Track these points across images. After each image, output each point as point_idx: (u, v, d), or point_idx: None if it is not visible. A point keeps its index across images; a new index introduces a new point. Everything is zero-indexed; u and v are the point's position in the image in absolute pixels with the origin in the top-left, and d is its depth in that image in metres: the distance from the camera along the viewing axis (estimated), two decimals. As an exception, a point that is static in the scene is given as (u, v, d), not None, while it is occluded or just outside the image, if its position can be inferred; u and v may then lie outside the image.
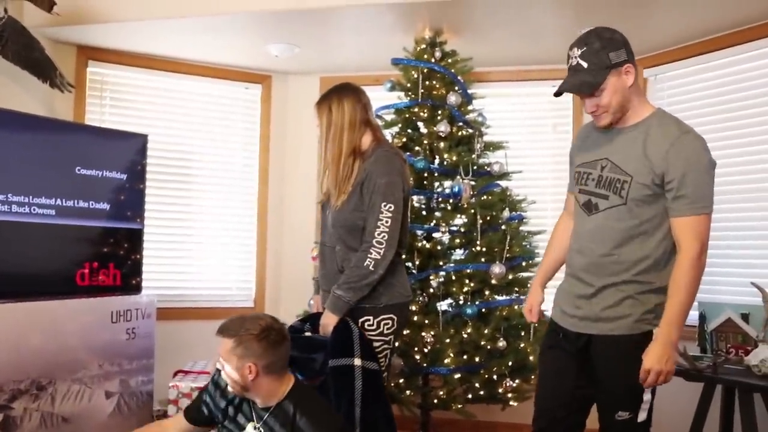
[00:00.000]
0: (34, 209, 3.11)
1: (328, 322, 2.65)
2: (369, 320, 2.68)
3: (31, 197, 3.10)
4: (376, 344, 2.67)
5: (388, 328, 2.71)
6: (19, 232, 3.06)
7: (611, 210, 2.27)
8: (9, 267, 3.02)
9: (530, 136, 4.43)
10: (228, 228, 4.67)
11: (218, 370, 2.56)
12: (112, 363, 3.07)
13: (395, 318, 2.72)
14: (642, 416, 2.25)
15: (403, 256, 2.93)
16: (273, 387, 2.35)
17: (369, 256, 2.62)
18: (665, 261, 2.24)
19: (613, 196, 2.26)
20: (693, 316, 3.47)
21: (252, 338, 2.28)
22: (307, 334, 2.76)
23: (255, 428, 2.41)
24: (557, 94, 2.32)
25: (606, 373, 2.29)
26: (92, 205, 3.35)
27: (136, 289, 3.52)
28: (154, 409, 3.48)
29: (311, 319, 2.79)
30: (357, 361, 2.54)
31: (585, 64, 2.22)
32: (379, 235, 2.63)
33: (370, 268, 2.62)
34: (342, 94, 2.79)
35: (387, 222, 2.64)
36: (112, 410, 3.06)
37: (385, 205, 2.64)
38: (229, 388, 2.38)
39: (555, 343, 2.45)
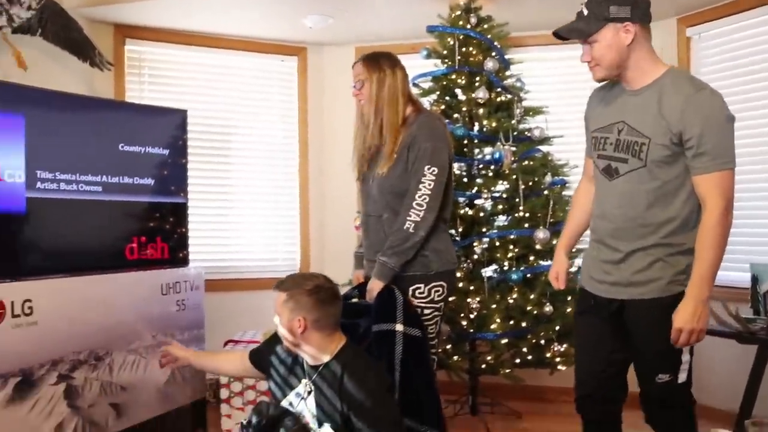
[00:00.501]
0: (81, 186, 3.15)
1: (374, 288, 2.66)
2: (420, 288, 2.69)
3: (78, 175, 3.14)
4: (426, 311, 2.68)
5: (438, 295, 2.71)
6: (68, 209, 3.10)
7: (632, 173, 2.23)
8: (62, 244, 3.07)
9: (570, 99, 4.35)
10: (270, 200, 4.70)
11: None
12: (164, 334, 3.12)
13: (445, 285, 2.73)
14: (682, 377, 2.23)
15: (448, 224, 2.92)
16: (322, 343, 2.39)
17: (408, 218, 2.62)
18: (693, 221, 2.20)
19: (633, 159, 2.22)
20: (745, 277, 3.43)
21: (303, 293, 2.35)
22: (354, 300, 2.78)
23: (305, 387, 2.46)
24: (554, 34, 2.31)
25: (641, 338, 2.26)
26: (137, 180, 3.39)
27: (184, 261, 3.56)
28: (206, 378, 3.54)
29: (360, 287, 2.81)
30: (399, 327, 2.55)
31: (585, 12, 2.23)
32: (419, 197, 2.62)
33: (410, 230, 2.61)
34: (393, 60, 2.79)
35: (429, 185, 2.62)
36: (166, 379, 3.12)
37: (428, 168, 2.63)
38: (284, 343, 2.43)
39: (586, 309, 2.44)
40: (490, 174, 3.84)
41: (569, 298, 3.65)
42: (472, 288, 3.65)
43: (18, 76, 3.37)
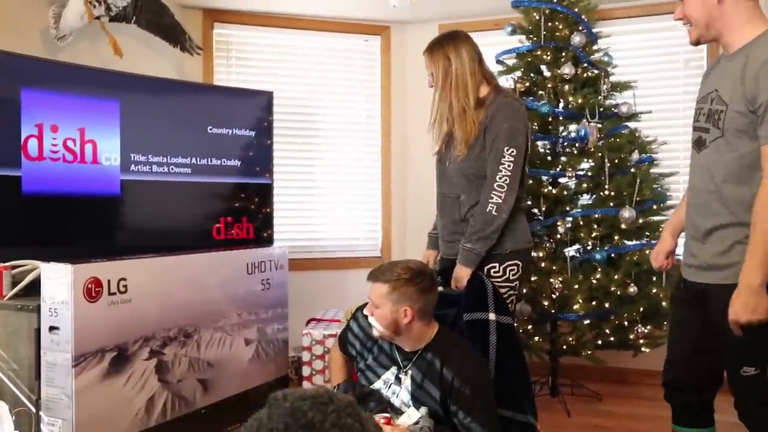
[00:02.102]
0: (172, 169, 3.29)
1: (462, 275, 2.66)
2: (495, 267, 2.68)
3: (169, 157, 3.27)
4: (502, 290, 2.67)
5: (513, 274, 2.70)
6: (159, 191, 3.24)
7: (713, 144, 2.11)
8: (153, 224, 3.23)
9: (660, 74, 4.20)
10: (353, 180, 4.74)
11: (356, 315, 2.64)
12: (249, 312, 3.22)
13: (520, 264, 2.72)
14: None
15: (525, 203, 2.89)
16: (422, 331, 2.40)
17: (491, 201, 2.61)
18: None
19: (713, 129, 2.10)
20: None
21: (406, 282, 2.31)
22: (439, 289, 2.79)
23: (395, 374, 2.48)
24: None
25: (724, 326, 2.07)
26: (224, 162, 3.50)
27: (269, 241, 3.67)
28: (289, 355, 3.64)
29: (442, 273, 2.81)
30: (491, 316, 2.53)
31: None
32: (500, 179, 2.61)
33: (493, 212, 2.61)
34: (458, 42, 2.75)
35: (509, 166, 2.61)
36: (251, 356, 3.22)
37: (507, 149, 2.61)
38: (375, 333, 2.43)
39: (678, 293, 2.36)
40: (575, 152, 3.77)
41: (654, 279, 3.56)
42: (554, 268, 3.60)
43: (112, 63, 3.52)
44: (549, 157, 3.81)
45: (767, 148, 1.98)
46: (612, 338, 3.56)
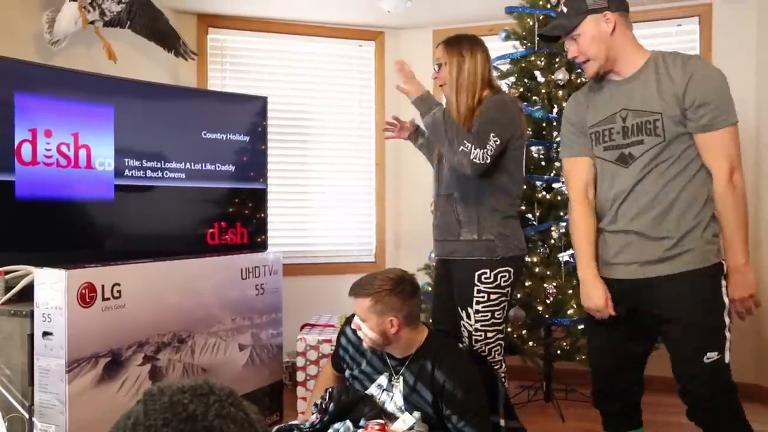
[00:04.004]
0: (166, 174, 3.28)
1: (408, 87, 2.62)
2: (486, 273, 2.68)
3: (163, 162, 3.27)
4: (493, 296, 2.68)
5: (505, 281, 2.70)
6: (153, 195, 3.24)
7: (650, 152, 2.19)
8: (147, 229, 3.22)
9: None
10: (347, 185, 4.74)
11: (344, 330, 2.66)
12: (243, 317, 3.22)
13: (512, 270, 2.71)
14: (728, 356, 2.17)
15: (519, 210, 2.89)
16: (411, 337, 2.41)
17: (476, 149, 2.55)
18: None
19: (649, 138, 2.19)
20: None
21: (388, 293, 2.33)
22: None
23: (388, 380, 2.48)
24: (539, 36, 2.40)
25: (676, 317, 2.20)
26: (218, 167, 3.49)
27: (263, 246, 3.67)
28: (283, 360, 3.64)
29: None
30: (502, 422, 2.52)
31: (565, 9, 2.29)
32: (484, 149, 2.57)
33: (465, 150, 2.54)
34: (475, 44, 2.78)
35: (491, 149, 2.57)
36: (245, 361, 3.22)
37: (494, 136, 2.59)
38: (365, 345, 2.45)
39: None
40: (569, 157, 3.78)
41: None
42: (548, 273, 3.61)
43: (107, 68, 3.51)
44: (543, 163, 3.83)
45: (705, 137, 2.14)
46: (606, 343, 3.56)
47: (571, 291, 3.53)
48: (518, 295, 3.58)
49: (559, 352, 3.65)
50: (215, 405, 0.92)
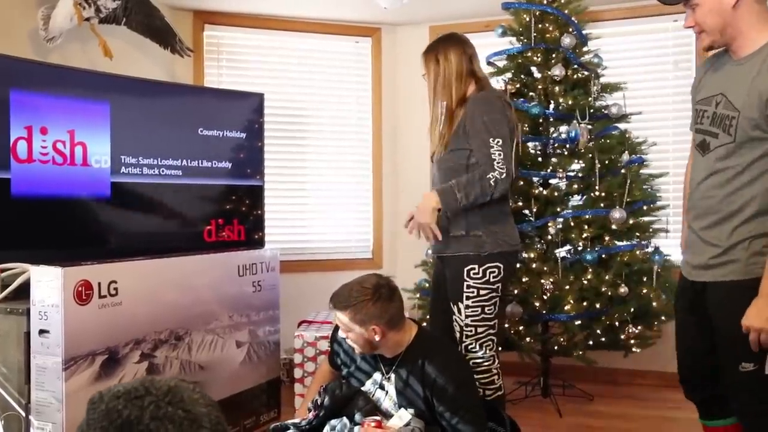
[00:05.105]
0: (162, 170, 3.27)
1: (426, 205, 2.64)
2: (474, 269, 2.67)
3: (159, 159, 3.26)
4: (483, 292, 2.67)
5: (494, 277, 2.68)
6: (150, 192, 3.23)
7: (719, 149, 2.11)
8: (143, 226, 3.22)
9: (649, 75, 4.22)
10: (344, 182, 4.74)
11: (335, 336, 2.67)
12: (241, 314, 3.21)
13: (501, 266, 2.69)
14: None
15: (509, 205, 2.88)
16: (399, 338, 2.43)
17: (492, 172, 2.57)
18: None
19: (723, 135, 2.09)
20: None
21: (365, 303, 2.34)
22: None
23: (382, 377, 2.50)
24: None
25: (722, 323, 2.14)
26: (215, 164, 3.49)
27: (260, 243, 3.67)
28: (280, 357, 3.64)
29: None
30: None
31: None
32: (496, 163, 2.58)
33: (491, 182, 2.57)
34: (447, 45, 2.78)
35: (500, 154, 2.59)
36: (242, 359, 3.21)
37: (493, 140, 2.60)
38: (356, 351, 2.47)
39: (680, 292, 2.38)
40: (566, 153, 3.79)
41: (644, 279, 3.58)
42: (545, 269, 3.61)
43: (102, 65, 3.51)
44: (540, 159, 3.82)
45: None
46: (603, 339, 3.57)
47: (567, 287, 3.53)
48: (515, 291, 3.57)
49: (556, 347, 3.66)
50: (150, 407, 0.91)
